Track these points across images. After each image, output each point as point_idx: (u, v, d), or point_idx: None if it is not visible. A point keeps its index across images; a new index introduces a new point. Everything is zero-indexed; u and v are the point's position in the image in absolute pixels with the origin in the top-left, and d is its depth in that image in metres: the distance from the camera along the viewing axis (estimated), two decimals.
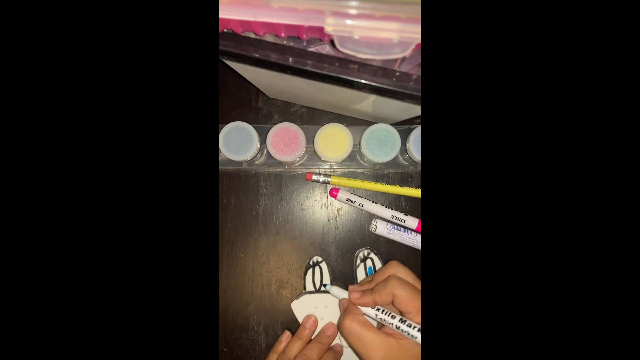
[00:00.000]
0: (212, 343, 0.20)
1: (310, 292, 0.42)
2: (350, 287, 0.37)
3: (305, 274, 0.43)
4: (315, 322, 0.40)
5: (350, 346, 0.34)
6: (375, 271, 0.41)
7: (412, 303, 0.31)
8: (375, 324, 0.34)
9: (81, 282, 0.19)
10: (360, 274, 0.42)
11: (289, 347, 0.39)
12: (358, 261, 0.43)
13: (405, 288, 0.32)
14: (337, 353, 0.39)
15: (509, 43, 0.19)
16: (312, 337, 0.40)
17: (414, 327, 0.31)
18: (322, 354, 0.38)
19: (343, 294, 0.37)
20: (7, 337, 0.19)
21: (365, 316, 0.35)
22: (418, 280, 0.34)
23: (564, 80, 0.19)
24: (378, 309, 0.34)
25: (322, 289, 0.42)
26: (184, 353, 0.20)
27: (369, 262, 0.42)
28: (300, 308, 0.42)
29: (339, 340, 0.41)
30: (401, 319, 0.32)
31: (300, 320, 0.41)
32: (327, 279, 0.42)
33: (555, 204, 0.19)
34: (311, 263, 0.43)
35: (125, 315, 0.20)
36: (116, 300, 0.20)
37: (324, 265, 0.43)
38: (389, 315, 0.33)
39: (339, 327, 0.35)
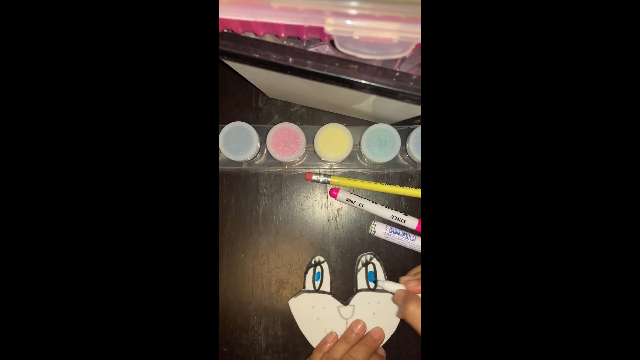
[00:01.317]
0: (212, 343, 0.20)
1: (309, 291, 0.42)
2: (402, 279, 0.37)
3: (305, 273, 0.43)
4: (364, 328, 0.41)
5: (418, 331, 0.34)
6: (375, 277, 0.42)
7: None
8: None
9: (81, 283, 0.19)
10: (361, 278, 0.43)
11: (335, 349, 0.39)
12: (359, 265, 0.43)
13: None
14: (382, 357, 0.40)
15: (509, 43, 0.19)
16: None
17: (421, 345, 0.31)
18: (368, 357, 0.38)
19: (395, 286, 0.37)
20: (7, 337, 0.19)
21: None
22: None
23: (564, 79, 0.19)
24: None
25: (322, 289, 0.42)
26: (184, 353, 0.20)
27: (370, 267, 0.42)
28: (298, 306, 0.42)
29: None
30: None
31: (296, 318, 0.42)
32: (327, 280, 0.42)
33: (556, 204, 0.19)
34: (312, 263, 0.43)
35: (126, 316, 0.20)
36: (116, 300, 0.20)
37: (325, 265, 0.43)
38: None
39: (403, 313, 0.35)
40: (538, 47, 0.19)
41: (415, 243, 0.41)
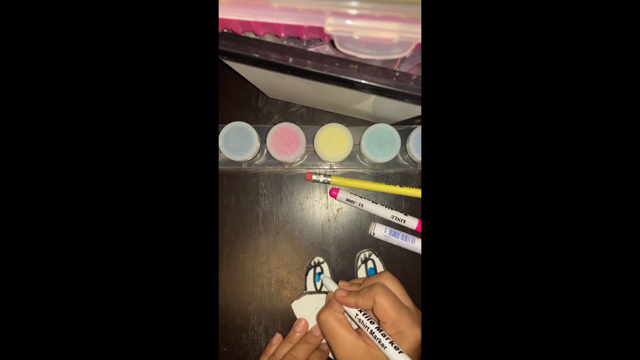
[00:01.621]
0: (212, 343, 0.20)
1: (311, 293, 0.42)
2: (340, 283, 0.38)
3: (306, 275, 0.43)
4: (306, 326, 0.41)
5: (324, 338, 0.35)
6: (375, 273, 0.41)
7: (389, 314, 0.32)
8: (354, 325, 0.35)
9: (81, 283, 0.19)
10: (362, 275, 0.42)
11: (279, 350, 0.39)
12: (359, 262, 0.43)
13: (386, 297, 0.32)
14: (324, 352, 0.40)
15: (509, 43, 0.19)
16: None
17: (387, 338, 0.31)
18: (309, 354, 0.38)
19: (332, 286, 0.38)
20: (7, 337, 0.19)
21: (345, 314, 0.35)
22: (405, 295, 0.35)
23: (564, 79, 0.19)
24: (360, 310, 0.34)
25: (323, 289, 0.42)
26: (184, 353, 0.20)
27: (370, 264, 0.42)
28: (301, 308, 0.42)
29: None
30: (378, 326, 0.32)
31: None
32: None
33: (556, 204, 0.19)
34: (312, 264, 0.43)
35: (126, 316, 0.20)
36: (116, 300, 0.20)
37: (325, 266, 0.43)
38: (367, 319, 0.33)
39: (317, 317, 0.36)
40: (538, 46, 0.19)
41: (414, 245, 0.41)
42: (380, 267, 0.42)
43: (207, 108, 0.21)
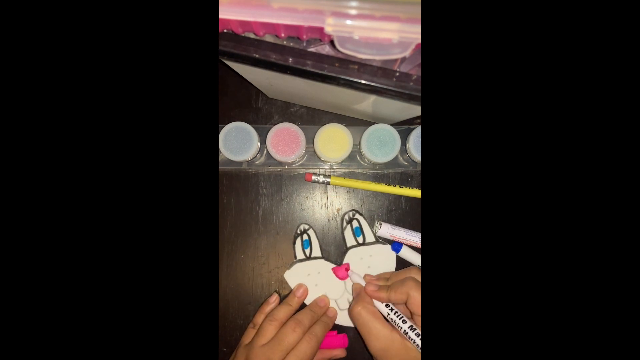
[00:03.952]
0: (212, 343, 0.20)
1: (301, 260, 0.42)
2: (367, 278, 0.39)
3: (294, 244, 0.43)
4: (306, 292, 0.41)
5: (357, 331, 0.36)
6: (362, 232, 0.42)
7: None
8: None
9: (82, 283, 0.19)
10: (349, 236, 0.43)
11: (277, 310, 0.39)
12: (345, 223, 0.43)
13: (420, 291, 0.33)
14: (331, 318, 0.40)
15: (509, 43, 0.19)
16: (300, 307, 0.40)
17: (421, 337, 0.32)
18: (314, 322, 0.38)
19: (360, 280, 0.39)
20: (7, 337, 0.19)
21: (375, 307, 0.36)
22: None
23: (564, 79, 0.19)
24: (391, 310, 0.35)
25: (313, 255, 0.42)
26: (185, 353, 0.20)
27: (355, 223, 0.43)
28: (294, 277, 0.42)
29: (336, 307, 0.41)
30: (411, 326, 0.33)
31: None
32: (316, 246, 0.43)
33: (556, 204, 0.19)
34: (299, 231, 0.43)
35: (126, 316, 0.20)
36: (117, 300, 0.20)
37: (311, 232, 0.43)
38: (400, 319, 0.34)
39: (349, 311, 0.37)
40: (538, 46, 0.19)
41: (420, 240, 0.42)
42: (365, 226, 0.42)
43: (207, 108, 0.21)
